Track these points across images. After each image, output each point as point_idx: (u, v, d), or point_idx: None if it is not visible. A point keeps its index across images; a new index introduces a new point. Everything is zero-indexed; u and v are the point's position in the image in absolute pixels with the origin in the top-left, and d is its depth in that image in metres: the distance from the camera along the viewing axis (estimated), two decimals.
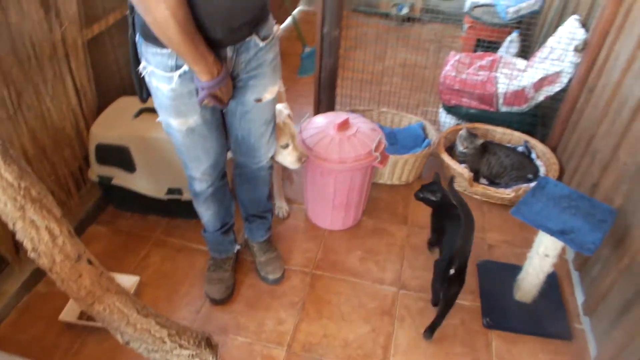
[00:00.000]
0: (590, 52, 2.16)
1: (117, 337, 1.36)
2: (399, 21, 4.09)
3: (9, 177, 1.09)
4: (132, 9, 1.29)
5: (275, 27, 1.46)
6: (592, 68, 2.18)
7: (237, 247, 1.99)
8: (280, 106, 1.85)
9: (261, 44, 1.39)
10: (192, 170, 1.62)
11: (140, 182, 2.10)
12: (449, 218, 1.76)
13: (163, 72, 1.32)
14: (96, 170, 2.10)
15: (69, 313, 1.72)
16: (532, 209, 1.63)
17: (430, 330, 1.73)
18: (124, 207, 2.24)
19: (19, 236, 1.17)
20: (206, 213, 1.77)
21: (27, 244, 1.17)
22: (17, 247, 1.85)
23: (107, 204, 2.24)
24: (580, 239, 1.52)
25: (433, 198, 1.84)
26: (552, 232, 1.56)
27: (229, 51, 1.33)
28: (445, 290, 1.65)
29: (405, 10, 4.06)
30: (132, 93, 2.42)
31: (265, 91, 1.49)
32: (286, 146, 1.79)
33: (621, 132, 1.79)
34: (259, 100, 1.50)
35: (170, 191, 2.07)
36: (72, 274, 1.23)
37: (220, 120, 1.57)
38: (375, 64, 2.81)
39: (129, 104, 2.18)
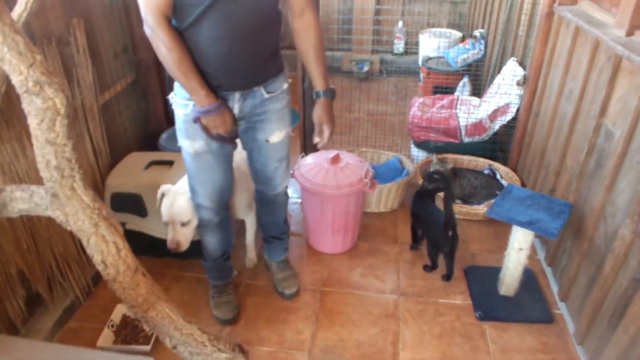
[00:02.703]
0: (530, 85, 2.60)
1: (166, 342, 1.54)
2: (361, 78, 4.57)
3: (87, 199, 1.32)
4: None
5: (285, 85, 1.77)
6: (534, 97, 2.61)
7: (235, 272, 2.22)
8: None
9: (266, 95, 1.70)
10: (199, 197, 1.84)
11: (152, 226, 2.30)
12: (425, 207, 2.29)
13: (181, 100, 1.65)
14: None
15: (104, 340, 1.87)
16: (503, 208, 1.95)
17: (447, 277, 2.24)
18: (138, 252, 2.39)
19: (91, 251, 1.38)
20: (212, 241, 1.98)
21: (97, 257, 1.37)
22: (51, 285, 2.01)
23: None
24: (545, 227, 1.84)
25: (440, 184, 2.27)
26: (521, 224, 1.87)
27: (237, 95, 1.65)
28: (449, 248, 2.17)
29: (365, 68, 4.55)
30: (139, 149, 2.68)
31: (272, 134, 1.78)
32: (186, 223, 1.94)
33: (564, 143, 2.17)
34: (267, 140, 1.79)
35: None
36: (132, 283, 1.43)
37: (229, 157, 1.83)
38: (348, 117, 3.19)
39: (139, 158, 2.43)
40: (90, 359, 1.30)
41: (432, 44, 4.08)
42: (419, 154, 3.05)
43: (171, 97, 1.71)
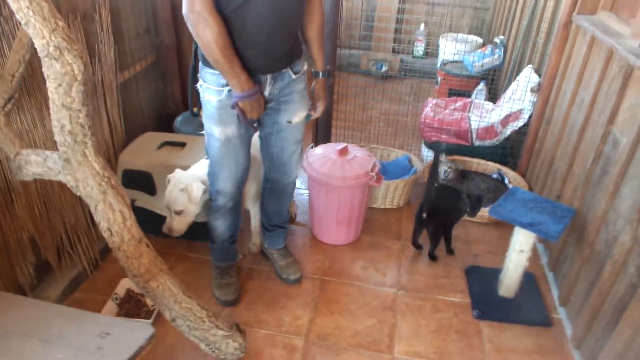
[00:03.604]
0: (544, 92, 2.61)
1: (166, 314, 1.58)
2: (378, 78, 4.59)
3: (97, 166, 1.37)
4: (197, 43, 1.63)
5: (305, 66, 1.84)
6: (546, 104, 2.62)
7: (240, 256, 2.27)
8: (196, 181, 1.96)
9: (294, 76, 1.77)
10: (221, 183, 1.88)
11: (160, 204, 2.33)
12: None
13: (215, 87, 1.67)
14: None
15: (108, 312, 1.92)
16: (505, 209, 1.97)
17: (430, 255, 2.36)
18: (146, 230, 2.44)
19: (98, 217, 1.43)
20: (222, 225, 2.02)
21: (104, 224, 1.42)
22: (60, 255, 2.07)
23: None
24: (546, 229, 1.85)
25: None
26: (522, 225, 1.88)
27: (269, 78, 1.71)
28: (428, 229, 2.31)
29: (384, 68, 4.57)
30: (154, 129, 2.74)
31: (294, 115, 1.85)
32: (180, 212, 1.97)
33: (573, 151, 2.17)
34: (289, 122, 1.85)
35: None
36: (135, 252, 1.47)
37: (250, 141, 1.88)
38: (361, 114, 3.22)
39: (153, 138, 2.48)
40: (93, 321, 1.34)
41: (452, 48, 4.09)
42: (428, 155, 3.07)
43: (200, 85, 1.73)
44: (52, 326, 1.29)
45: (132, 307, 1.99)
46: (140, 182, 2.32)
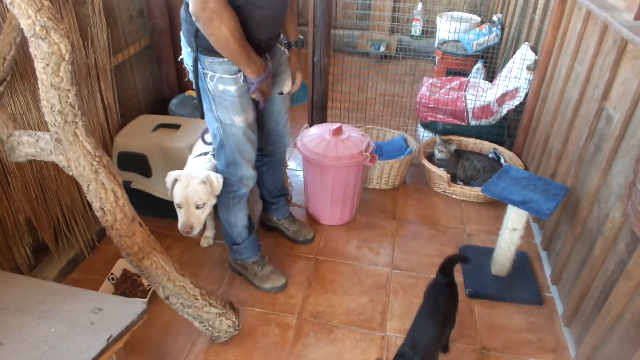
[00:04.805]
0: (540, 69, 2.59)
1: (159, 292, 1.61)
2: (377, 59, 4.56)
3: (88, 146, 1.38)
4: (195, 34, 1.56)
5: (282, 36, 1.87)
6: (543, 81, 2.60)
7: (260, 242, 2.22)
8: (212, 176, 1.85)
9: (282, 48, 1.82)
10: (243, 168, 1.82)
11: (156, 186, 2.36)
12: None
13: (230, 75, 1.63)
14: None
15: (104, 291, 1.95)
16: (497, 187, 1.97)
17: None
18: (143, 211, 2.47)
19: (90, 197, 1.44)
20: (242, 216, 1.96)
21: (96, 203, 1.44)
22: (57, 236, 2.09)
23: None
24: (537, 207, 1.85)
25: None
26: (514, 203, 1.89)
27: (267, 55, 1.73)
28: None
29: (382, 49, 4.54)
30: (149, 112, 2.74)
31: (284, 84, 1.89)
32: (201, 206, 1.83)
33: (567, 128, 2.17)
34: (281, 93, 1.89)
35: None
36: (128, 231, 1.49)
37: None
38: (358, 95, 3.21)
39: (148, 120, 2.49)
40: (86, 298, 1.37)
41: (450, 28, 4.04)
42: (424, 135, 3.06)
43: (213, 78, 1.63)
44: (45, 302, 1.32)
45: (129, 286, 2.02)
46: (136, 164, 2.33)
